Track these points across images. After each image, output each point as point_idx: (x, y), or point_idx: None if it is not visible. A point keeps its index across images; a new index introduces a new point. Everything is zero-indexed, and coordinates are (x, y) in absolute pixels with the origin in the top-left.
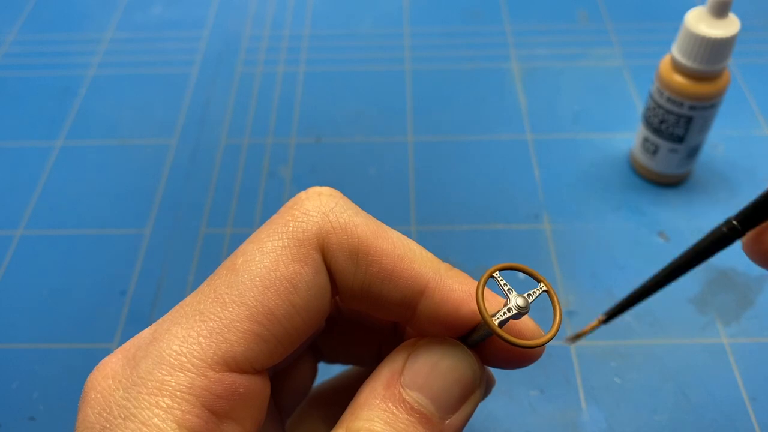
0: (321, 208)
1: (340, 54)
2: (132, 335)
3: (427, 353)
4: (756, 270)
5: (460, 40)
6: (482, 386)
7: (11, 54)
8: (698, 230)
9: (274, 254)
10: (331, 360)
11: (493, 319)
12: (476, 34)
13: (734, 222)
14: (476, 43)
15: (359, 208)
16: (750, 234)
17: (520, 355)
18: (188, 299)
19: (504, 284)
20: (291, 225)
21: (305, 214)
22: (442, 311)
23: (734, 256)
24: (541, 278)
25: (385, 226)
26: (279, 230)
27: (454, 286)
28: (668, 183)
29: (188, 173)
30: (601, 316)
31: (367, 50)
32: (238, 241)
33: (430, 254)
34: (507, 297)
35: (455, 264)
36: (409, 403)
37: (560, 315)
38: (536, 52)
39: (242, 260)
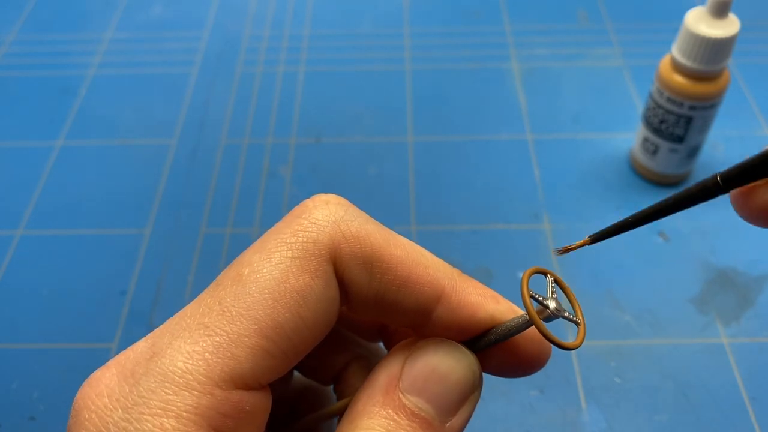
0: (331, 217)
1: (340, 54)
2: (132, 335)
3: (424, 356)
4: (756, 270)
5: (460, 40)
6: (481, 386)
7: (11, 54)
8: (698, 230)
9: (284, 266)
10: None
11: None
12: (476, 34)
13: (719, 178)
14: (476, 43)
15: (368, 216)
16: (737, 190)
17: (526, 363)
18: (189, 310)
19: (552, 285)
20: (300, 235)
21: (315, 223)
22: (459, 315)
23: (734, 256)
24: (577, 307)
25: (395, 233)
26: (288, 240)
27: (469, 290)
28: (668, 183)
29: (188, 173)
30: (587, 238)
31: (367, 50)
32: (238, 241)
33: (441, 260)
34: (548, 297)
35: (455, 264)
36: (409, 408)
37: (584, 328)
38: (536, 52)
39: (249, 271)
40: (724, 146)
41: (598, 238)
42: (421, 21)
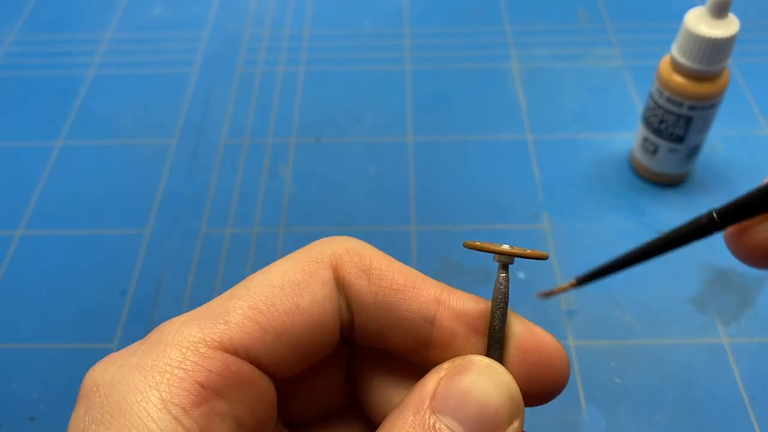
0: (338, 239)
1: (340, 54)
2: (132, 335)
3: (459, 376)
4: (756, 270)
5: (460, 40)
6: (521, 413)
7: (11, 54)
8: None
9: (287, 267)
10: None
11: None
12: (476, 34)
13: (714, 215)
14: (476, 43)
15: (375, 248)
16: (732, 228)
17: (545, 390)
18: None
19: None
20: (307, 251)
21: (322, 242)
22: (460, 312)
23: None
24: (500, 248)
25: (399, 262)
26: (296, 255)
27: (460, 295)
28: (668, 183)
29: (188, 173)
30: (572, 280)
31: (367, 50)
32: (238, 241)
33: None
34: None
35: (455, 264)
36: (439, 429)
37: (535, 255)
38: (536, 52)
39: (258, 273)
40: (724, 146)
41: (584, 280)
42: (421, 21)
